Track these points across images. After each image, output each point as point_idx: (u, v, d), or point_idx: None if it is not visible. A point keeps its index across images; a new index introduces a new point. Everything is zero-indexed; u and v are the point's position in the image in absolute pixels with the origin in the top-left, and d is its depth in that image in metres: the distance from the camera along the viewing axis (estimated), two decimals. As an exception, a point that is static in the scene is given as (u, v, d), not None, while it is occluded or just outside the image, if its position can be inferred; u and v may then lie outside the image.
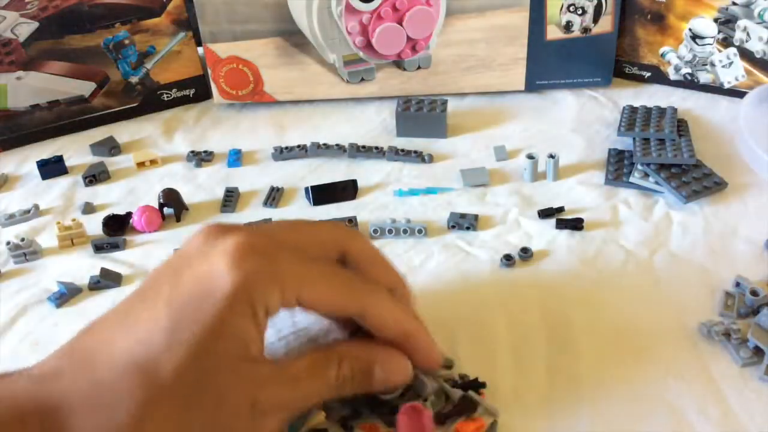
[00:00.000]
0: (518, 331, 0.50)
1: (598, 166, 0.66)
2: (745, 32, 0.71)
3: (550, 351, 0.49)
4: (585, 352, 0.48)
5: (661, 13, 0.74)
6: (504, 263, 0.56)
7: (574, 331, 0.50)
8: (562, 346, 0.49)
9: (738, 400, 0.45)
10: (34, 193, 0.68)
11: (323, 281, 0.37)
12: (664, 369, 0.47)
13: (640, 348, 0.49)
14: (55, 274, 0.58)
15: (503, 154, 0.69)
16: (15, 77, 0.72)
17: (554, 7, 0.73)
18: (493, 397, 0.45)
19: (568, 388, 0.46)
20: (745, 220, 0.59)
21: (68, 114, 0.76)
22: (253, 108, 0.78)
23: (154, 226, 0.62)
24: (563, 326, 0.50)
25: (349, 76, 0.76)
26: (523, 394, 0.46)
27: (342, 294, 0.38)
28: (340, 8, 0.71)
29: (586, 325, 0.50)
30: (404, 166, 0.68)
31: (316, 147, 0.70)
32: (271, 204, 0.64)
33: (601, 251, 0.57)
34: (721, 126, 0.71)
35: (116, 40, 0.74)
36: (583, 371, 0.47)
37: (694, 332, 0.50)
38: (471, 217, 0.60)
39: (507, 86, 0.77)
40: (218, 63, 0.75)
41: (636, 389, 0.46)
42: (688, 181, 0.61)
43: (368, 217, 0.62)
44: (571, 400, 0.45)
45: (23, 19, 0.70)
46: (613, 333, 0.50)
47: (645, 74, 0.78)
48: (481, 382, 0.45)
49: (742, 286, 0.52)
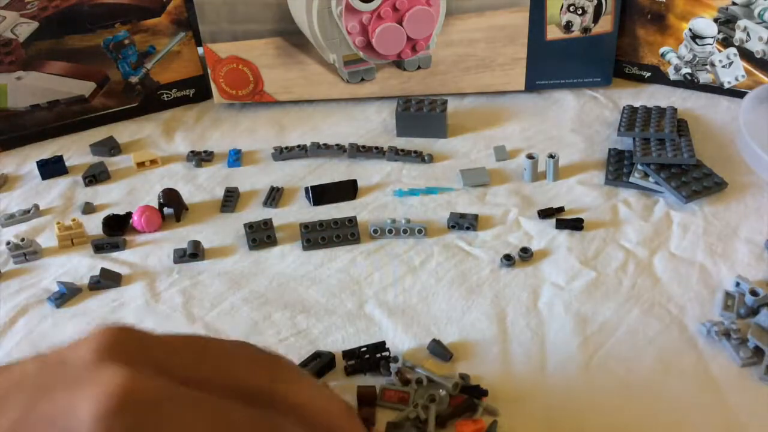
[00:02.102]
0: (518, 331, 0.50)
1: (598, 166, 0.66)
2: (745, 32, 0.71)
3: (550, 350, 0.49)
4: (585, 352, 0.48)
5: (661, 13, 0.74)
6: (504, 263, 0.56)
7: (573, 332, 0.50)
8: (561, 346, 0.49)
9: (738, 400, 0.45)
10: (34, 193, 0.68)
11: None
12: (664, 369, 0.47)
13: (640, 348, 0.49)
14: (55, 274, 0.58)
15: (503, 154, 0.68)
16: (15, 77, 0.72)
17: (554, 7, 0.73)
18: (493, 397, 0.45)
19: (568, 388, 0.46)
20: (745, 220, 0.59)
21: (68, 114, 0.76)
22: (253, 108, 0.78)
23: (154, 226, 0.62)
24: (563, 326, 0.50)
25: (349, 76, 0.76)
26: (523, 394, 0.46)
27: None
28: (340, 8, 0.71)
29: (586, 325, 0.50)
30: (404, 166, 0.68)
31: (316, 147, 0.70)
32: (271, 204, 0.64)
33: (601, 251, 0.57)
34: (721, 126, 0.71)
35: (116, 40, 0.74)
36: (583, 371, 0.47)
37: (694, 332, 0.50)
38: (471, 217, 0.60)
39: (507, 86, 0.77)
40: (218, 63, 0.75)
41: (636, 388, 0.46)
42: (688, 181, 0.61)
43: (368, 217, 0.62)
44: (571, 400, 0.45)
45: (23, 19, 0.70)
46: (613, 333, 0.50)
47: (645, 74, 0.78)
48: (483, 390, 0.45)
49: (742, 286, 0.52)
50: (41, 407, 0.28)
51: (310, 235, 0.59)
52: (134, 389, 0.28)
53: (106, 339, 0.30)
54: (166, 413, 0.28)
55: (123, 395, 0.27)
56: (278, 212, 0.64)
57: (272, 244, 0.60)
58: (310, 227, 0.60)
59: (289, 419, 0.30)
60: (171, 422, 0.28)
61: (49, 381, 0.29)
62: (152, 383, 0.28)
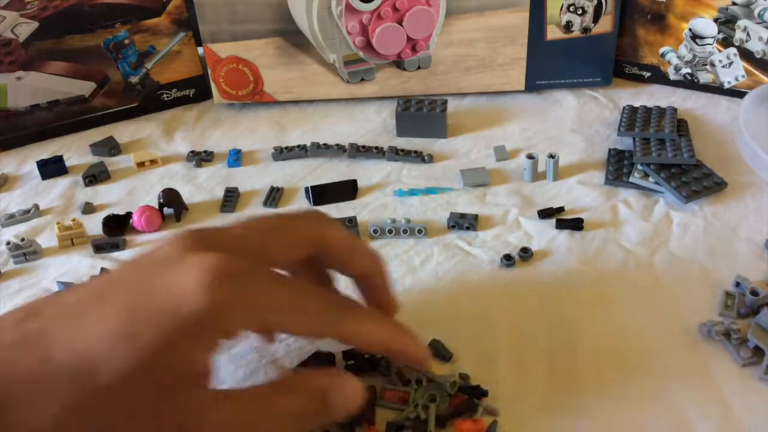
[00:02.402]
0: (518, 331, 0.50)
1: (598, 166, 0.66)
2: (745, 32, 0.71)
3: (550, 351, 0.49)
4: (585, 353, 0.48)
5: (661, 13, 0.74)
6: (504, 263, 0.56)
7: (574, 332, 0.50)
8: (562, 346, 0.49)
9: (738, 400, 0.45)
10: (34, 193, 0.68)
11: (296, 310, 0.36)
12: (664, 369, 0.47)
13: (640, 348, 0.49)
14: (55, 274, 0.58)
15: (503, 154, 0.69)
16: (15, 77, 0.72)
17: (554, 7, 0.73)
18: (493, 398, 0.45)
19: (568, 388, 0.46)
20: (745, 220, 0.59)
21: (68, 114, 0.76)
22: (253, 108, 0.78)
23: (154, 226, 0.62)
24: (563, 326, 0.50)
25: (349, 76, 0.76)
26: (523, 394, 0.46)
27: (316, 321, 0.37)
28: (340, 8, 0.71)
29: (586, 325, 0.50)
30: (404, 166, 0.68)
31: (316, 147, 0.70)
32: (271, 204, 0.64)
33: (601, 251, 0.57)
34: (721, 126, 0.71)
35: (116, 40, 0.74)
36: (583, 371, 0.47)
37: (694, 332, 0.50)
38: (471, 217, 0.60)
39: (507, 86, 0.77)
40: (218, 63, 0.75)
41: (636, 389, 0.46)
42: (688, 181, 0.61)
43: (368, 217, 0.62)
44: (571, 400, 0.45)
45: (23, 19, 0.70)
46: (613, 333, 0.50)
47: (645, 74, 0.78)
48: (483, 390, 0.45)
49: (742, 286, 0.52)
50: (151, 283, 0.34)
51: (310, 235, 0.59)
52: (229, 267, 0.34)
53: (185, 237, 0.36)
54: (256, 285, 0.35)
55: (222, 269, 0.33)
56: (278, 212, 0.63)
57: (272, 244, 0.60)
58: (310, 227, 0.60)
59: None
60: (261, 291, 0.35)
61: (154, 267, 0.35)
62: (237, 261, 0.34)
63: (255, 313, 0.35)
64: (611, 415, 0.44)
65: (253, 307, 0.34)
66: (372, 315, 0.41)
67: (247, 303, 0.34)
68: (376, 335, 0.39)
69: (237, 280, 0.34)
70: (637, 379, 0.47)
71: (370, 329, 0.39)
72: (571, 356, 0.48)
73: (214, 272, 0.33)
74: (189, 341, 0.33)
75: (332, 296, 0.41)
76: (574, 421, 0.44)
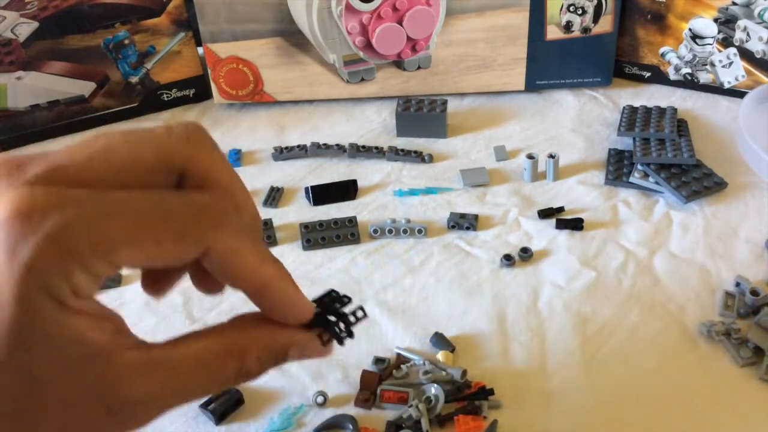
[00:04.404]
0: (518, 331, 0.50)
1: (598, 166, 0.66)
2: (745, 32, 0.71)
3: (550, 351, 0.49)
4: (584, 352, 0.48)
5: (661, 13, 0.74)
6: (504, 263, 0.56)
7: (573, 332, 0.50)
8: (561, 346, 0.49)
9: (738, 400, 0.45)
10: (34, 193, 0.68)
11: (143, 231, 0.27)
12: (664, 369, 0.47)
13: (640, 348, 0.49)
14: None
15: (503, 154, 0.68)
16: (15, 77, 0.72)
17: (554, 7, 0.73)
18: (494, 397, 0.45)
19: (568, 388, 0.46)
20: (745, 220, 0.59)
21: (68, 114, 0.76)
22: (253, 108, 0.78)
23: (154, 226, 0.62)
24: (563, 326, 0.50)
25: (349, 76, 0.76)
26: (523, 394, 0.46)
27: (173, 239, 0.27)
28: (340, 8, 0.71)
29: (586, 325, 0.50)
30: (404, 166, 0.68)
31: (316, 147, 0.70)
32: (271, 204, 0.64)
33: (601, 251, 0.57)
34: (721, 126, 0.71)
35: (116, 40, 0.74)
36: (583, 371, 0.47)
37: (694, 332, 0.50)
38: (471, 217, 0.60)
39: (507, 86, 0.77)
40: (218, 63, 0.75)
41: (636, 389, 0.46)
42: (688, 181, 0.61)
43: (368, 217, 0.62)
44: (571, 399, 0.45)
45: (23, 19, 0.70)
46: (613, 333, 0.50)
47: (645, 74, 0.78)
48: (489, 390, 0.45)
49: (742, 286, 0.52)
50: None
51: (310, 235, 0.59)
52: (36, 202, 0.25)
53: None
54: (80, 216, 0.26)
55: (26, 209, 0.25)
56: (278, 212, 0.64)
57: (272, 244, 0.60)
58: (310, 227, 0.60)
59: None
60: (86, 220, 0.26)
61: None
62: (54, 192, 0.26)
63: (85, 256, 0.26)
64: (611, 415, 0.44)
65: (80, 247, 0.26)
66: (248, 237, 0.29)
67: (68, 248, 0.26)
68: (252, 262, 0.29)
69: (49, 219, 0.26)
70: (637, 378, 0.47)
71: (246, 252, 0.28)
72: (570, 356, 0.48)
73: (14, 223, 0.25)
74: (38, 324, 0.26)
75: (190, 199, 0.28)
76: (574, 421, 0.44)
